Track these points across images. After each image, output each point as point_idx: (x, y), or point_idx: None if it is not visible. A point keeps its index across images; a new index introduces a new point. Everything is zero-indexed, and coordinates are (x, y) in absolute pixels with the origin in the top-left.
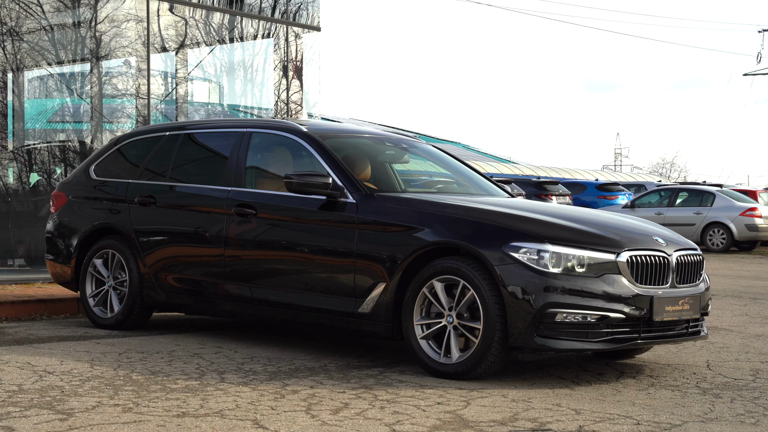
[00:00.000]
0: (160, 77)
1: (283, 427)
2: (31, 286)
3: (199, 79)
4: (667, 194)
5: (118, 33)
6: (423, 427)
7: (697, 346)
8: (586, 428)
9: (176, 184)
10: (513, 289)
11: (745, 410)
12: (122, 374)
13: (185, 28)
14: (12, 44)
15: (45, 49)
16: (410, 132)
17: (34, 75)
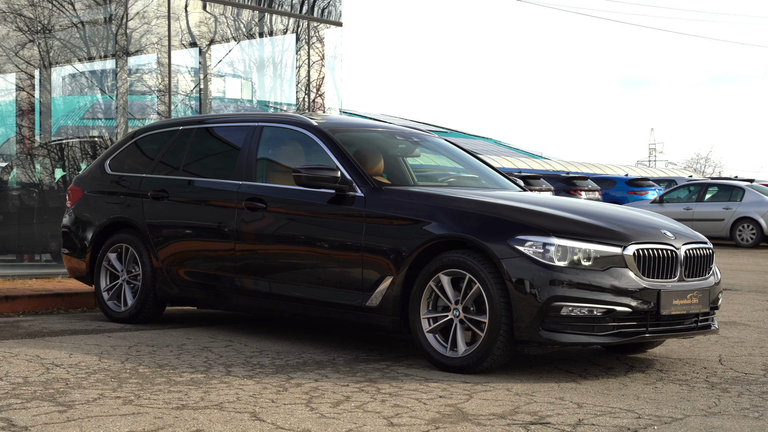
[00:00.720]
0: (185, 74)
1: (280, 419)
2: (51, 280)
3: (222, 75)
4: (696, 189)
5: (148, 30)
6: (421, 420)
7: (712, 341)
8: (585, 422)
9: (188, 178)
10: (518, 282)
11: (750, 404)
12: (129, 367)
13: (210, 24)
14: (44, 41)
15: (75, 45)
16: (442, 128)
17: (61, 71)
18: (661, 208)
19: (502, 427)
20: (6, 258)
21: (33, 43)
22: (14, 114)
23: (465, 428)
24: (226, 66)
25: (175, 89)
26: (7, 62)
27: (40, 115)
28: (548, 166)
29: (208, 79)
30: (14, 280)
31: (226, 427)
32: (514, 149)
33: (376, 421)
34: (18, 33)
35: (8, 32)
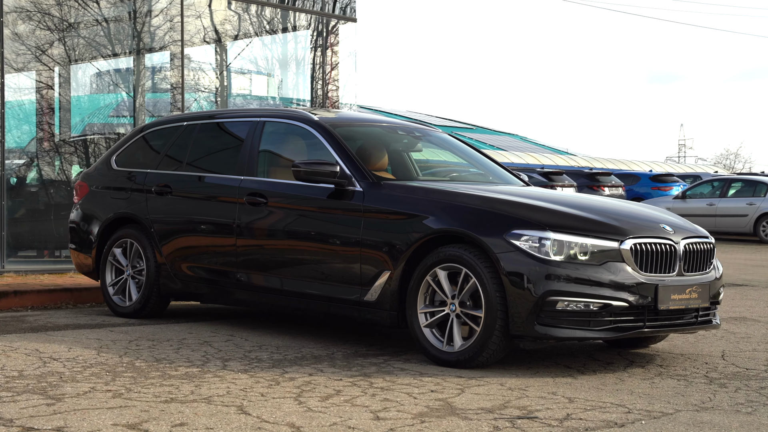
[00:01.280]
0: (208, 70)
1: (266, 413)
2: (63, 276)
3: (245, 72)
4: (720, 185)
5: (171, 27)
6: (408, 414)
7: (718, 336)
8: (573, 416)
9: (191, 173)
10: (514, 276)
11: (746, 400)
12: (126, 361)
13: (232, 21)
14: (68, 40)
15: (99, 43)
16: (467, 124)
17: (80, 69)
18: (683, 203)
19: (489, 421)
20: (26, 254)
21: (60, 42)
22: (39, 112)
23: (451, 422)
24: (248, 63)
25: (197, 86)
26: (32, 60)
27: (65, 113)
28: (573, 162)
29: (225, 75)
30: (27, 275)
31: (210, 420)
32: (540, 145)
33: (362, 414)
34: (43, 31)
35: (34, 30)
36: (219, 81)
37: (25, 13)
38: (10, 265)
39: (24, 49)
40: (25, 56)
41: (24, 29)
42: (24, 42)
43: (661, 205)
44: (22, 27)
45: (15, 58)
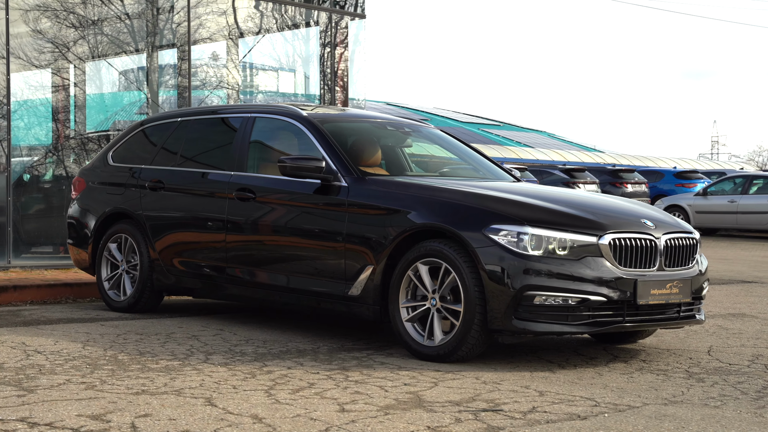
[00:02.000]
0: (210, 67)
1: (232, 405)
2: (67, 271)
3: (248, 68)
4: (741, 182)
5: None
6: (374, 406)
7: (709, 332)
8: (539, 409)
9: (183, 169)
10: (492, 271)
11: (719, 394)
12: (110, 354)
13: (242, 18)
14: (78, 35)
15: (108, 40)
16: (495, 121)
17: (94, 66)
18: (704, 200)
19: (453, 413)
20: (41, 250)
21: (84, 39)
22: (54, 109)
23: (414, 414)
24: (258, 60)
25: (206, 83)
26: (48, 57)
27: (80, 110)
28: (599, 159)
29: (235, 72)
30: (31, 270)
31: (175, 411)
32: (568, 142)
33: (328, 407)
34: (68, 29)
35: (60, 29)
36: (228, 78)
37: (42, 11)
38: (16, 261)
39: (38, 46)
40: (41, 53)
41: (38, 26)
42: (38, 39)
43: (682, 202)
44: (37, 24)
45: (31, 54)
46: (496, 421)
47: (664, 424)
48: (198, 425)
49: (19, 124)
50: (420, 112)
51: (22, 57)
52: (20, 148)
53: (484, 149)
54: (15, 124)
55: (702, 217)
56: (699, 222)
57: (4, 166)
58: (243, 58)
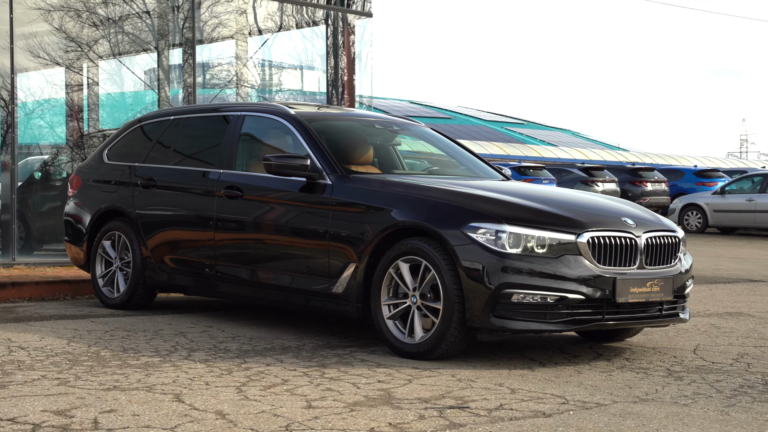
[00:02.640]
0: (219, 65)
1: (199, 401)
2: (70, 268)
3: (255, 66)
4: (760, 180)
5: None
6: (342, 403)
7: (700, 330)
8: (506, 406)
9: (174, 167)
10: (470, 269)
11: (693, 392)
12: (93, 351)
13: (249, 16)
14: (91, 34)
15: (127, 39)
16: (519, 119)
17: (109, 65)
18: (722, 199)
19: (419, 410)
20: (54, 247)
21: (96, 39)
22: (67, 109)
23: (379, 411)
24: (265, 58)
25: (225, 81)
26: (72, 57)
27: (93, 109)
28: (621, 157)
29: (242, 71)
30: (34, 267)
31: (141, 407)
32: (592, 140)
33: (296, 403)
34: (81, 28)
35: (82, 28)
36: (236, 76)
37: (55, 11)
38: (21, 258)
39: (51, 44)
40: (54, 52)
41: (52, 25)
42: (51, 37)
43: (700, 200)
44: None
45: (44, 53)
46: (459, 418)
47: (626, 422)
48: (160, 421)
49: (36, 122)
50: (443, 110)
51: (37, 55)
52: (32, 147)
53: (505, 147)
54: (35, 122)
55: (720, 215)
56: (717, 221)
57: (9, 164)
58: (251, 58)
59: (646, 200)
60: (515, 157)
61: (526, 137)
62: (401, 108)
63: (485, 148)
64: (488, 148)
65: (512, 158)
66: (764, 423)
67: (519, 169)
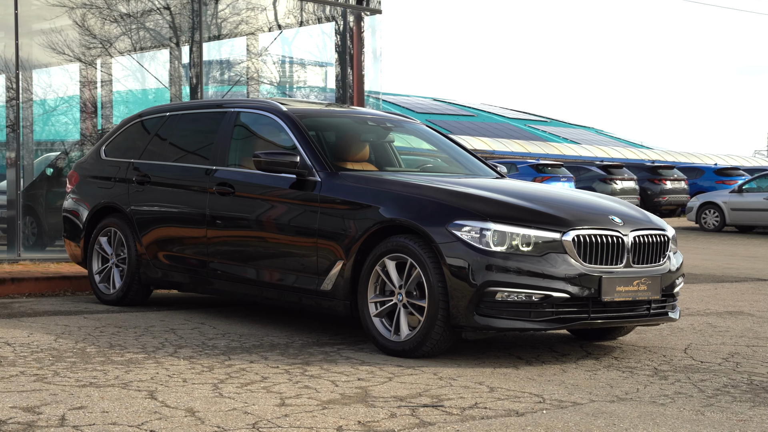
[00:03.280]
0: (229, 62)
1: (172, 398)
2: (74, 264)
3: (265, 62)
4: None
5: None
6: (316, 401)
7: (695, 329)
8: (480, 405)
9: (168, 163)
10: (454, 267)
11: (674, 392)
12: (79, 347)
13: (258, 13)
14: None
15: (141, 36)
16: (543, 117)
17: (122, 62)
18: (740, 197)
19: (391, 408)
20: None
21: (108, 37)
22: (82, 106)
23: (351, 409)
24: (275, 54)
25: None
26: (95, 53)
27: (107, 107)
28: (644, 155)
29: (251, 67)
30: (39, 263)
31: (112, 404)
32: (615, 138)
33: (269, 401)
34: (94, 26)
35: (103, 25)
36: (246, 73)
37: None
38: (26, 254)
39: (64, 42)
40: (68, 49)
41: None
42: (71, 32)
43: (717, 199)
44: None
45: (59, 51)
46: (430, 417)
47: (597, 421)
48: (128, 418)
49: (51, 118)
50: (466, 107)
51: (59, 51)
52: (48, 143)
53: (526, 145)
54: (50, 119)
55: (737, 214)
56: (734, 219)
57: (14, 161)
58: (260, 54)
59: (665, 198)
60: (535, 155)
61: (549, 135)
62: (424, 105)
63: (506, 145)
64: (509, 146)
65: (532, 156)
66: (737, 423)
67: (537, 167)
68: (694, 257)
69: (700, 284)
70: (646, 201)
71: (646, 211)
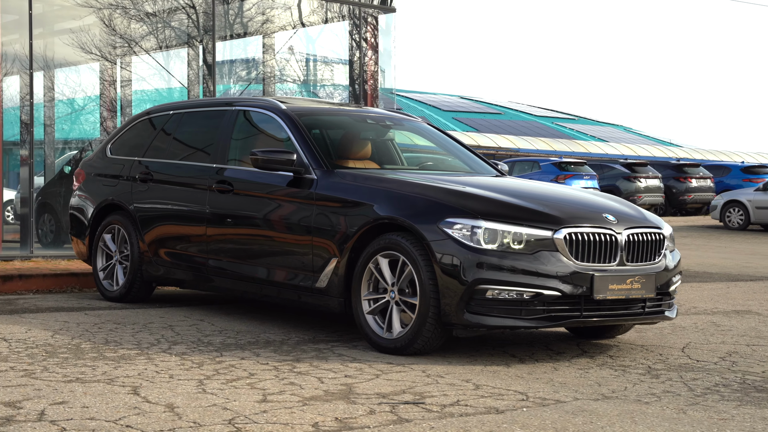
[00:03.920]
0: (240, 61)
1: (154, 394)
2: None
3: (281, 60)
4: None
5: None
6: (298, 397)
7: (697, 328)
8: (462, 402)
9: (170, 161)
10: (445, 265)
11: (662, 390)
12: (74, 343)
13: (272, 12)
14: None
15: (158, 36)
16: (570, 114)
17: (140, 61)
18: (764, 195)
19: (371, 405)
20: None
21: (149, 35)
22: (101, 105)
23: (331, 406)
24: (290, 53)
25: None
26: (124, 53)
27: (126, 106)
28: (672, 153)
29: (264, 65)
30: (49, 260)
31: (93, 399)
32: (644, 136)
33: (251, 397)
34: (112, 27)
35: (129, 24)
36: (260, 72)
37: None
38: (39, 251)
39: (81, 42)
40: (85, 50)
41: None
42: (91, 33)
43: (742, 197)
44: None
45: (77, 51)
46: (409, 414)
47: (575, 419)
48: (106, 413)
49: (73, 117)
50: (493, 105)
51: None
52: (70, 142)
53: (552, 143)
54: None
55: (762, 212)
56: (759, 218)
57: (27, 159)
58: (277, 53)
59: (690, 197)
60: (560, 153)
61: (576, 133)
62: (451, 103)
63: (531, 143)
64: (534, 144)
65: (555, 153)
66: (717, 422)
67: (560, 165)
68: (713, 256)
69: (714, 283)
70: (671, 199)
71: (642, 209)
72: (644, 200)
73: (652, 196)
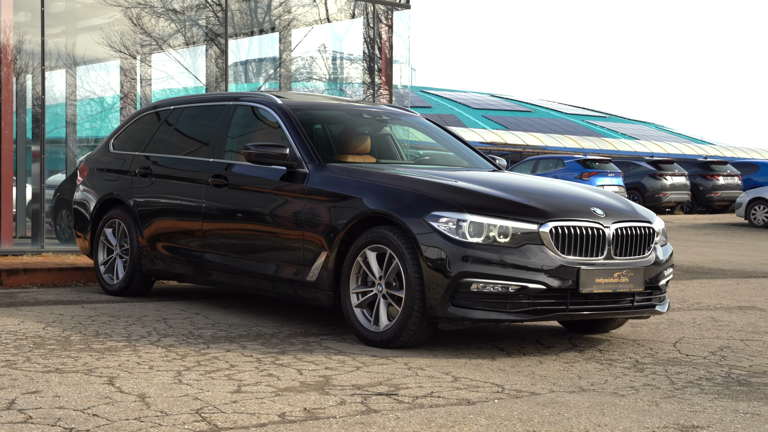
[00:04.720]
0: (254, 61)
1: (129, 384)
2: None
3: (297, 58)
4: None
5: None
6: (273, 388)
7: (696, 323)
8: (435, 394)
9: (168, 156)
10: (430, 258)
11: (643, 383)
12: (64, 335)
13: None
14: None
15: (177, 34)
16: (600, 112)
17: (158, 59)
18: None
19: (344, 396)
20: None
21: (180, 33)
22: (122, 103)
23: (303, 397)
24: (306, 50)
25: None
26: (121, 52)
27: (147, 103)
28: (702, 150)
29: (279, 63)
30: (59, 255)
31: (67, 389)
32: (675, 134)
33: (225, 388)
34: (128, 25)
35: (157, 22)
36: (276, 69)
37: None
38: (50, 246)
39: (97, 40)
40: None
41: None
42: (114, 30)
43: (766, 194)
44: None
45: (94, 50)
46: (379, 405)
47: (544, 411)
48: (76, 402)
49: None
50: (524, 103)
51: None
52: (88, 140)
53: (580, 141)
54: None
55: None
56: None
57: (38, 155)
58: (293, 50)
59: (717, 194)
60: (587, 150)
61: (606, 130)
62: (481, 101)
63: (559, 141)
64: (562, 141)
65: (582, 151)
66: (687, 414)
67: (584, 163)
68: (732, 253)
69: (724, 279)
70: (698, 197)
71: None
72: (670, 198)
73: (678, 194)
